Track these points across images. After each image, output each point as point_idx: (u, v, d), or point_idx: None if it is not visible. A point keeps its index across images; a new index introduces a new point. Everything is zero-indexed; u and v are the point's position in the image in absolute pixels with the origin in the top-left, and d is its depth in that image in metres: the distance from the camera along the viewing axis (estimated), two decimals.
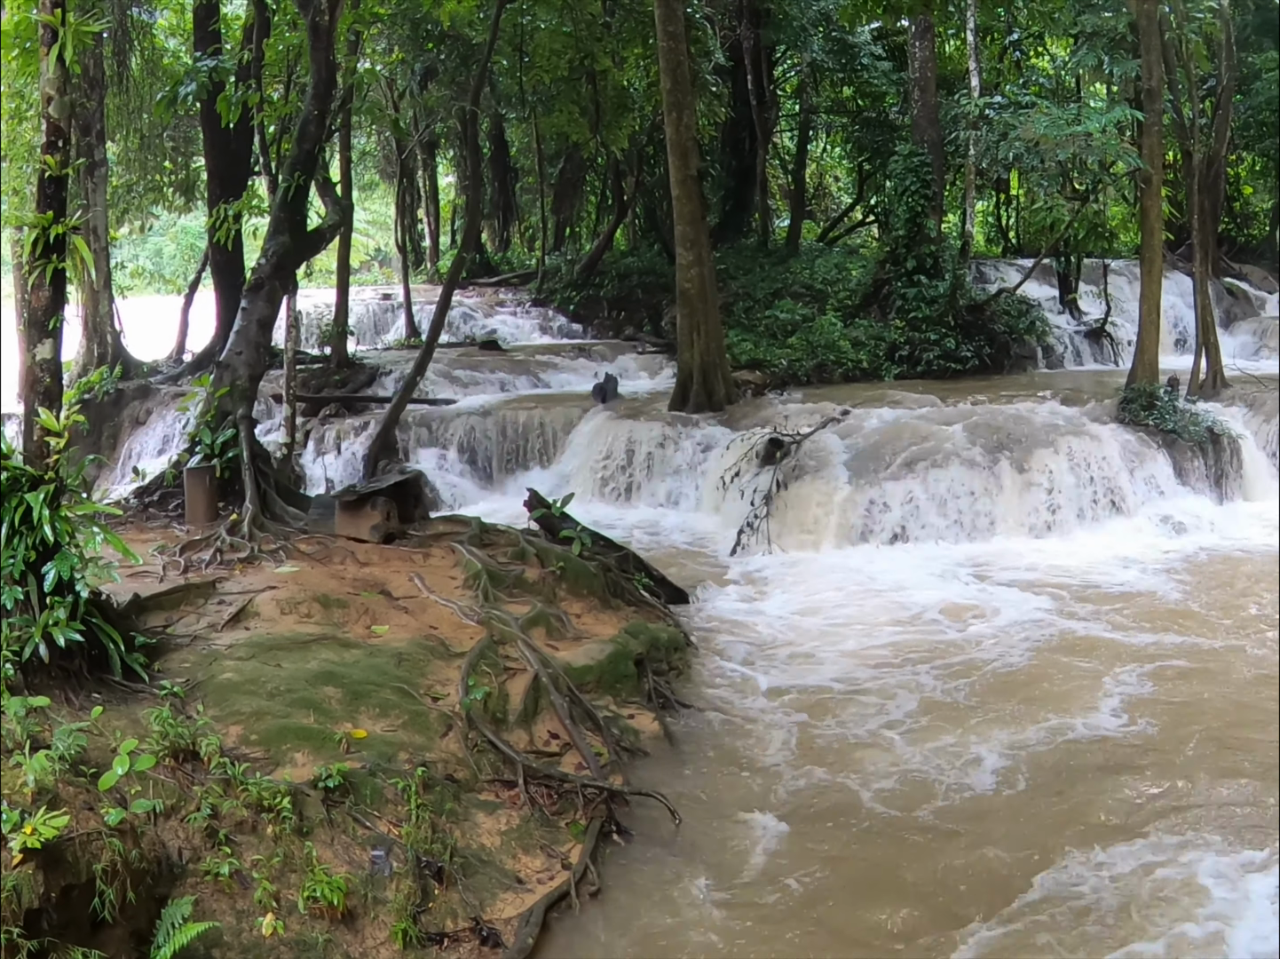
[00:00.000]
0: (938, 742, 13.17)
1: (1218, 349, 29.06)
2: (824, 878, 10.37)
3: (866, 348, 32.12)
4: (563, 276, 41.90)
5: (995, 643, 16.63)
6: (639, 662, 14.01)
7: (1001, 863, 10.61)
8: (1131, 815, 11.37)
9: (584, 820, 10.67)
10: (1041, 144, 28.02)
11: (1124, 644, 16.51)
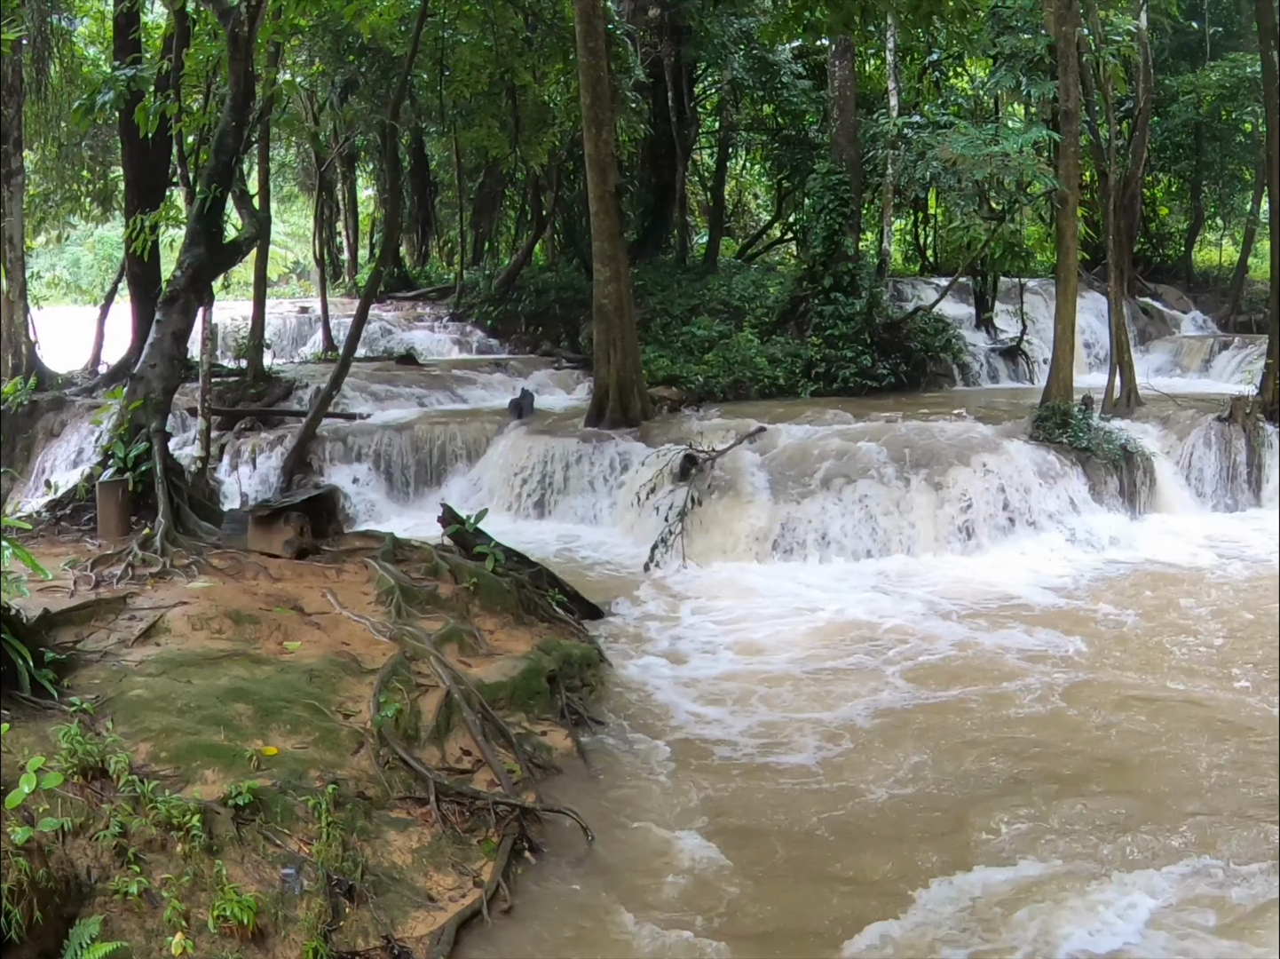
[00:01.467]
0: (851, 757, 13.23)
1: (1132, 367, 29.35)
2: (736, 894, 10.39)
3: (783, 365, 32.25)
4: (481, 291, 41.86)
5: (908, 658, 16.73)
6: (552, 678, 13.98)
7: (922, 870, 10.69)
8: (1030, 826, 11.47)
9: (496, 838, 10.59)
10: (959, 164, 28.26)
11: (1036, 658, 16.69)
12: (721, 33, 38.60)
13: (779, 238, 54.95)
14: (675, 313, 35.85)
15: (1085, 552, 23.00)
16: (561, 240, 46.05)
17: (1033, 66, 31.41)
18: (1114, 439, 25.59)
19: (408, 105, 39.99)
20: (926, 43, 42.86)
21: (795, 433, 25.17)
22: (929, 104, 40.47)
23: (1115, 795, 12.27)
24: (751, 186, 61.00)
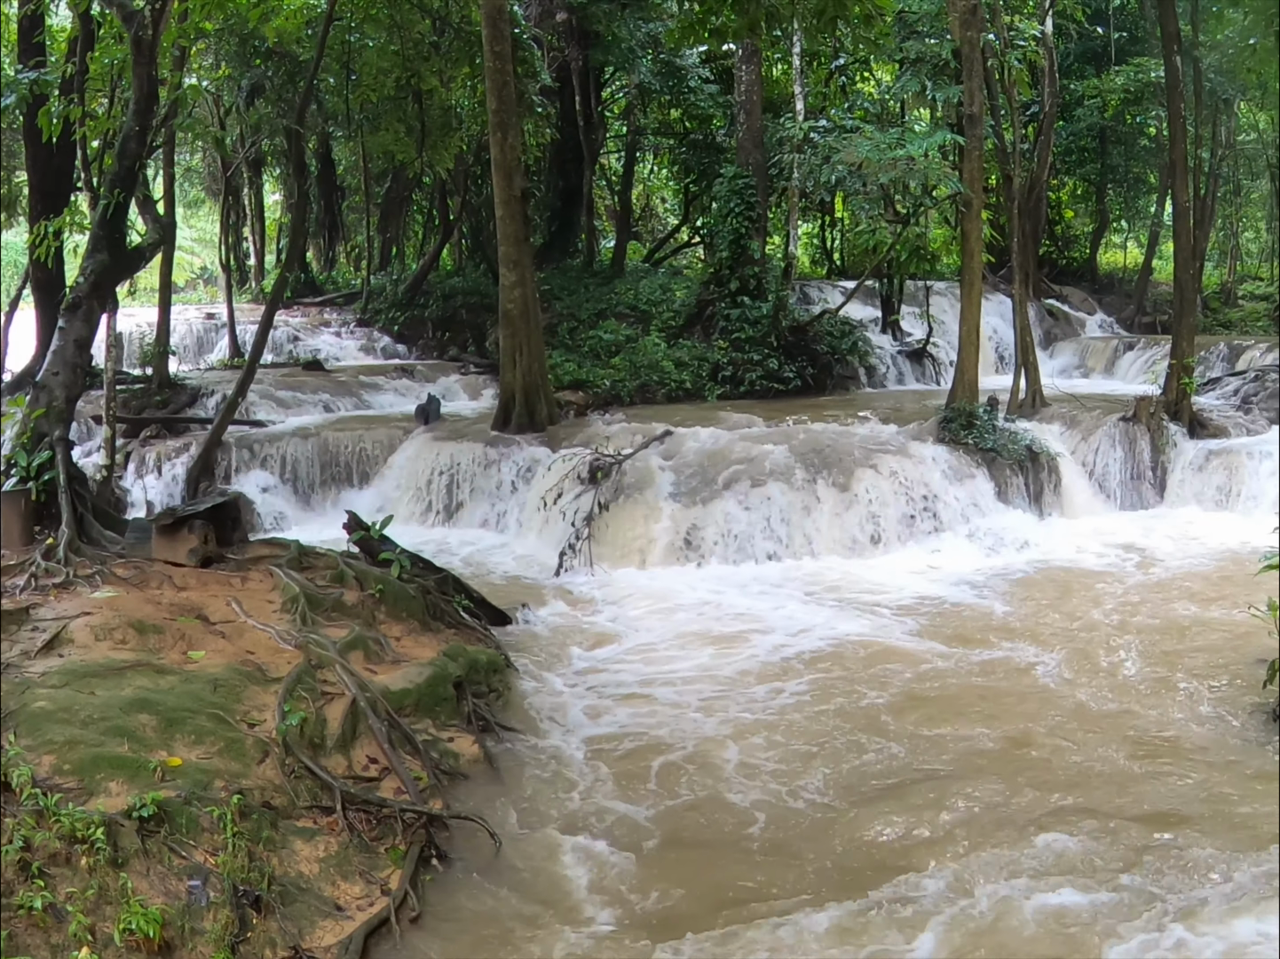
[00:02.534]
0: (757, 760, 13.29)
1: (1037, 369, 29.62)
2: (643, 900, 10.41)
3: (690, 368, 32.33)
4: (388, 297, 41.63)
5: (814, 659, 16.86)
6: (458, 684, 13.95)
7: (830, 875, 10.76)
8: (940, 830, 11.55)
9: (403, 846, 10.57)
10: (864, 167, 28.42)
11: (941, 657, 16.88)
12: (629, 37, 38.60)
13: (686, 242, 54.97)
14: (582, 317, 35.85)
15: (991, 552, 23.23)
16: (469, 245, 45.87)
17: (938, 71, 31.68)
18: (1019, 440, 25.82)
19: (314, 110, 39.81)
20: (833, 47, 43.00)
21: (702, 436, 25.25)
22: (835, 108, 40.58)
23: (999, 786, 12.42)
24: (659, 190, 61.03)
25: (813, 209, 47.91)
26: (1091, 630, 18.25)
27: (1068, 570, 22.20)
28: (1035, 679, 16.02)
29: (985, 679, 16.00)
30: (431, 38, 35.57)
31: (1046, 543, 23.83)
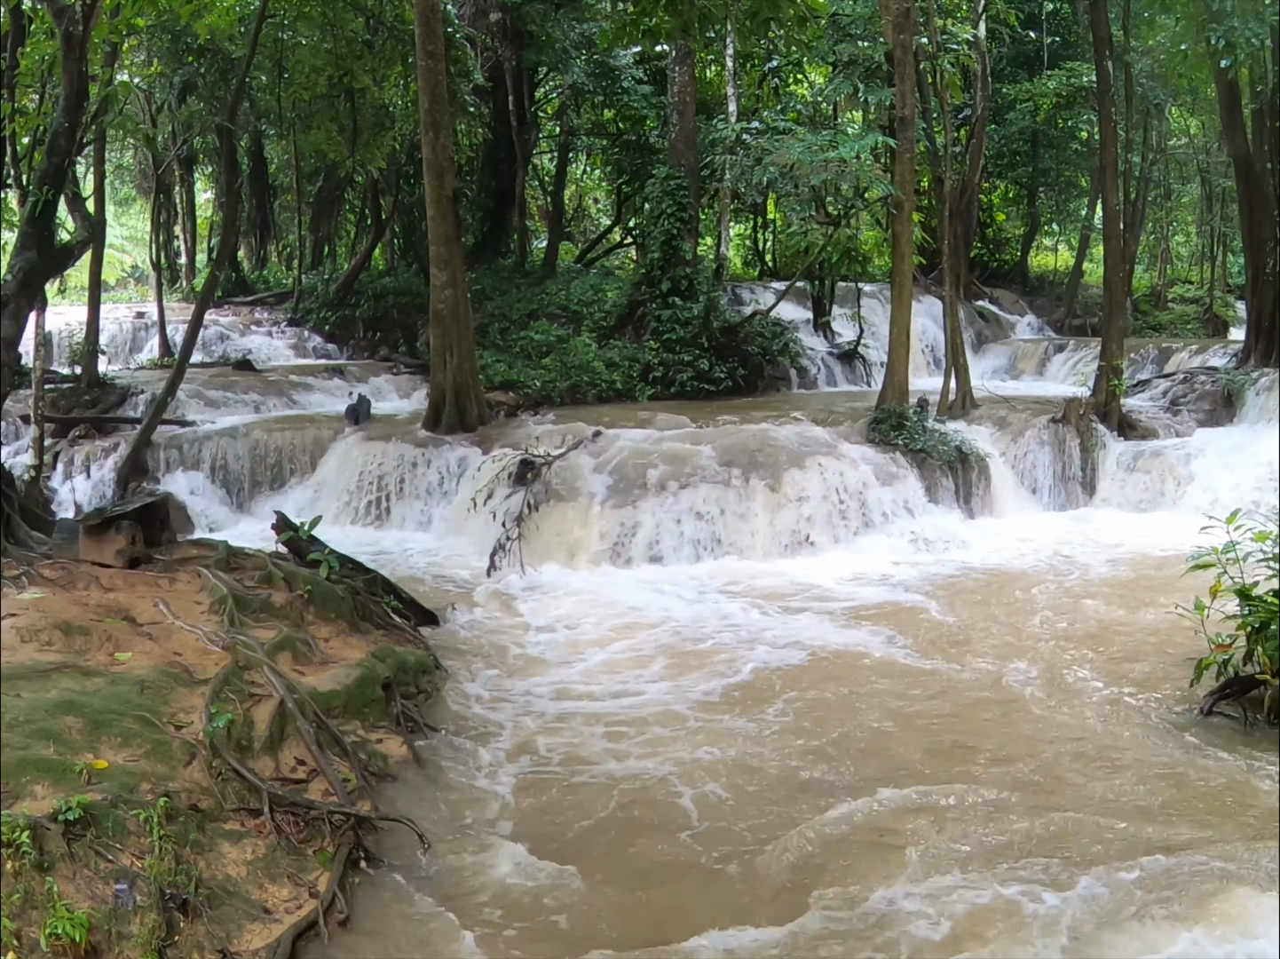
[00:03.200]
0: (683, 760, 13.26)
1: (967, 370, 29.82)
2: (573, 903, 10.38)
3: (620, 369, 32.37)
4: (319, 296, 41.47)
5: (743, 660, 16.81)
6: (387, 685, 13.92)
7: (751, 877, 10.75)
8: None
9: (331, 848, 10.50)
10: (796, 169, 28.44)
11: (872, 658, 16.90)
12: (563, 37, 38.62)
13: (618, 242, 55.06)
14: (513, 317, 35.86)
15: (921, 552, 23.33)
16: (401, 245, 45.71)
17: (870, 74, 31.71)
18: (949, 441, 25.96)
19: (246, 108, 39.68)
20: (766, 49, 43.13)
21: (632, 437, 25.27)
22: (768, 110, 40.67)
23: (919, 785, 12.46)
24: (591, 191, 61.09)
25: (745, 210, 48.09)
26: (1020, 630, 18.33)
27: (997, 571, 22.31)
28: (964, 680, 16.06)
29: (912, 679, 16.03)
30: (365, 36, 35.49)
31: (976, 543, 23.96)
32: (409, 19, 30.78)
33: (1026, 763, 13.18)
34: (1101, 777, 12.77)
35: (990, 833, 11.42)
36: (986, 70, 43.70)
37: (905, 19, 26.95)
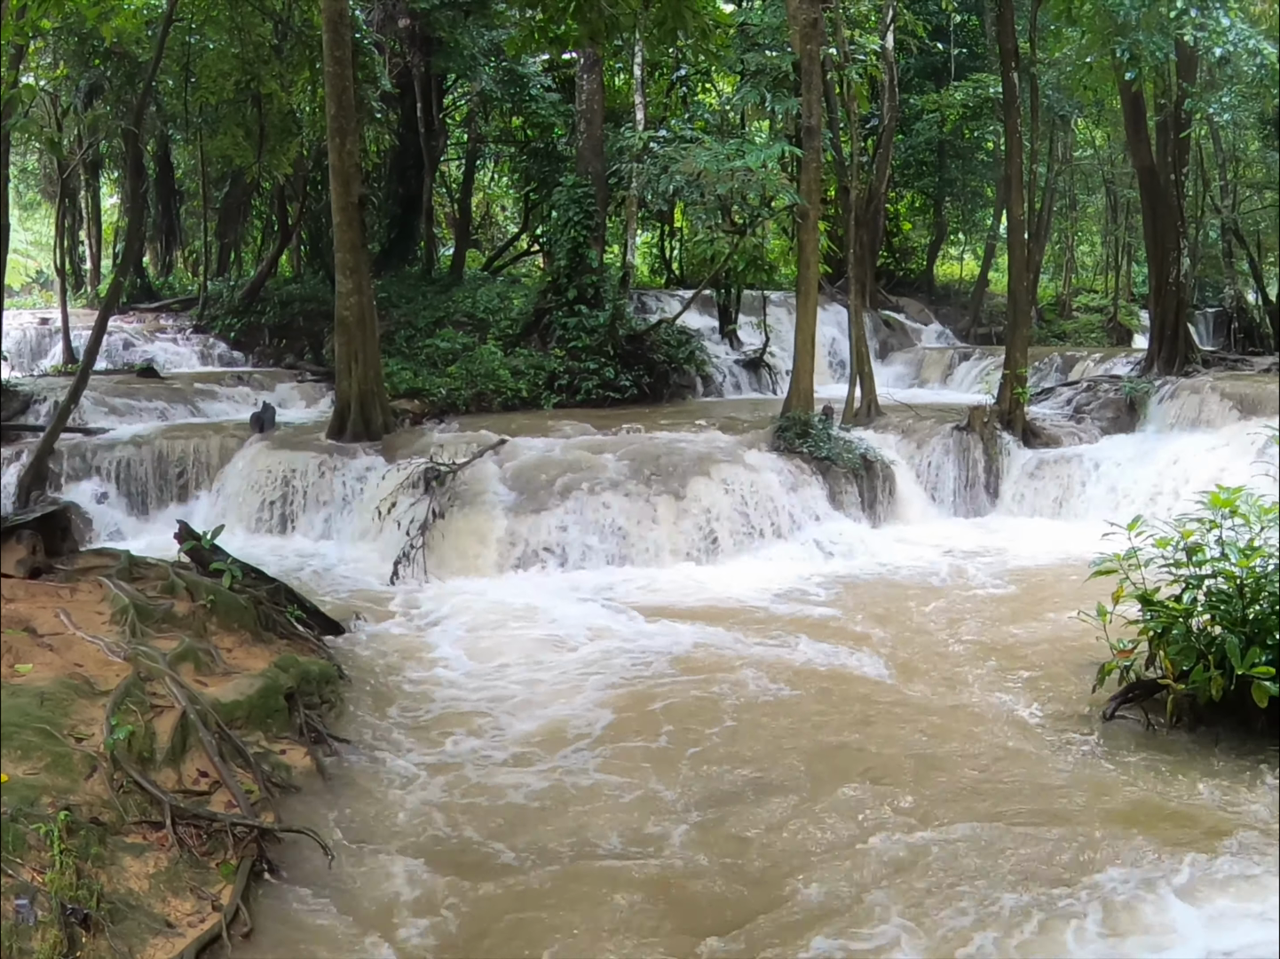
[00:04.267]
0: (590, 777, 13.24)
1: (872, 378, 30.06)
2: (472, 914, 10.36)
3: (526, 377, 32.34)
4: (225, 303, 41.14)
5: (648, 668, 16.88)
6: (290, 696, 13.85)
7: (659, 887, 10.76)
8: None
9: (234, 860, 10.43)
10: (702, 178, 28.50)
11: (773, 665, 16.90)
12: (471, 44, 38.50)
13: (526, 250, 55.06)
14: (420, 325, 35.74)
15: (826, 560, 23.50)
16: (308, 251, 45.55)
17: (778, 83, 31.85)
18: (854, 448, 26.14)
19: (153, 112, 39.39)
20: (675, 58, 43.25)
21: (537, 445, 25.30)
22: (676, 118, 40.82)
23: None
24: (499, 198, 61.06)
25: (652, 218, 48.19)
26: (921, 637, 18.48)
27: (901, 578, 22.47)
28: (868, 686, 16.14)
29: (816, 687, 16.07)
30: (272, 41, 35.32)
31: (881, 550, 24.13)
32: (317, 24, 30.65)
33: (921, 771, 13.25)
34: (1003, 782, 12.87)
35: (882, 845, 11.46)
36: (894, 81, 44.07)
37: (813, 29, 27.06)
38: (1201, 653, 13.84)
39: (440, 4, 36.87)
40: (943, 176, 52.25)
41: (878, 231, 48.21)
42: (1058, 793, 12.59)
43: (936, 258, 56.87)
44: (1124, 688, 14.73)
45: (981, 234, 54.96)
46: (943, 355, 42.22)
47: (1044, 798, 12.47)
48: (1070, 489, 27.50)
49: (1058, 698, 15.52)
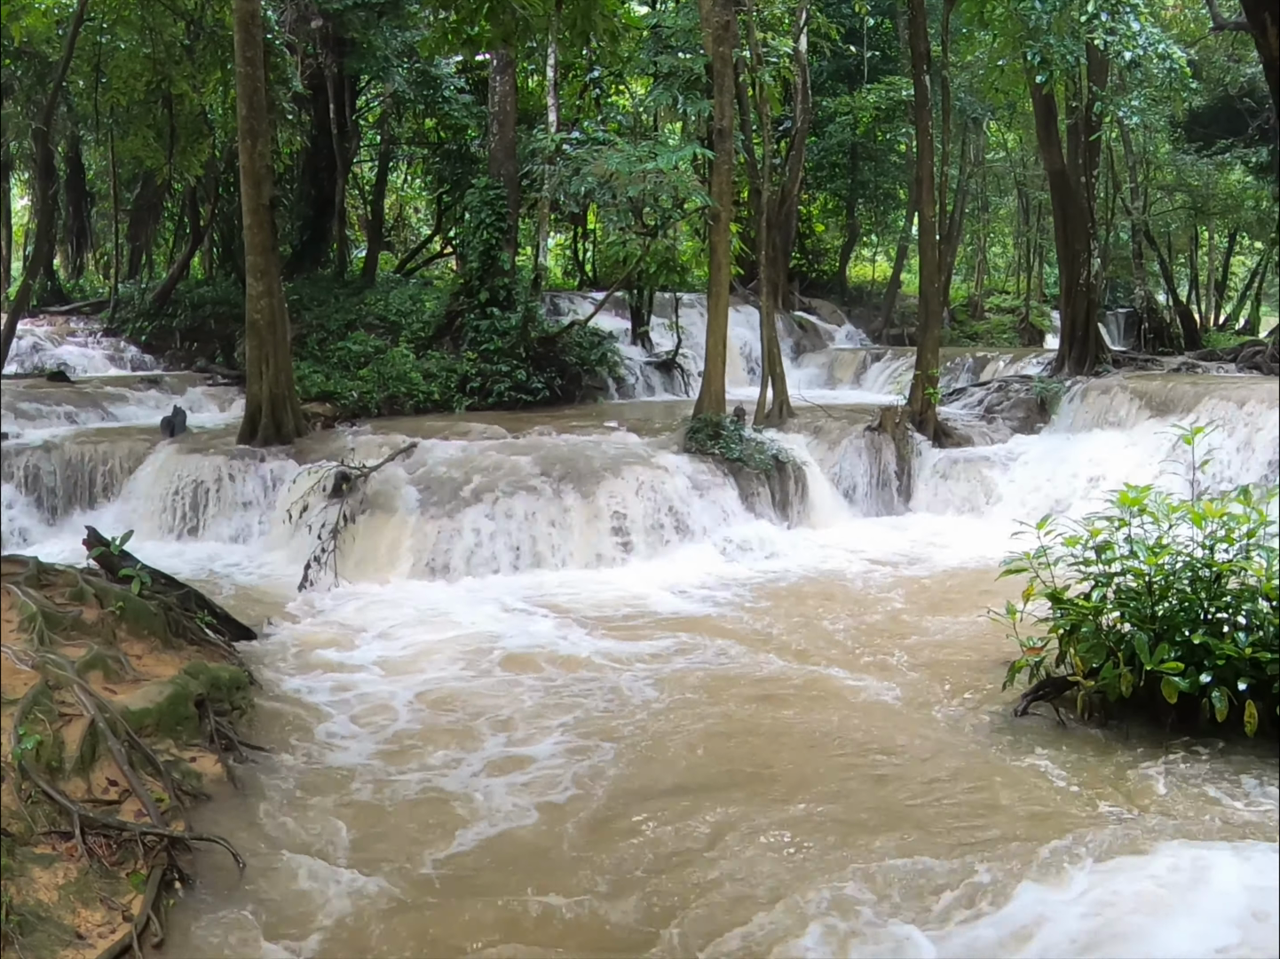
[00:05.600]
0: (503, 778, 13.26)
1: (784, 379, 30.17)
2: (385, 918, 10.34)
3: (438, 380, 32.38)
4: (136, 306, 40.78)
5: (556, 672, 16.90)
6: (200, 702, 13.74)
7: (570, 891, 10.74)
8: None
9: (145, 870, 10.35)
10: (614, 179, 28.49)
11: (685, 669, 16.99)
12: (385, 45, 38.35)
13: (438, 252, 54.89)
14: (331, 328, 35.62)
15: (738, 561, 23.59)
16: (220, 254, 45.24)
17: (690, 85, 31.90)
18: (766, 450, 26.22)
19: (63, 112, 39.14)
20: (589, 60, 43.23)
21: (449, 448, 25.21)
22: (589, 120, 40.81)
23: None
24: (412, 200, 60.95)
25: (564, 220, 48.20)
26: (833, 637, 18.58)
27: (812, 578, 22.62)
28: (773, 686, 16.20)
29: (720, 688, 16.11)
30: (184, 41, 35.10)
31: (793, 551, 24.25)
32: (229, 24, 30.46)
33: (831, 771, 13.33)
34: (914, 779, 12.95)
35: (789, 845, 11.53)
36: (807, 83, 44.23)
37: (725, 31, 27.13)
38: (1111, 650, 14.03)
39: (353, 5, 36.70)
40: (855, 178, 52.52)
41: (790, 233, 48.46)
42: (965, 789, 12.70)
43: (849, 259, 57.20)
44: (1034, 685, 14.91)
45: (894, 235, 55.28)
46: (855, 356, 42.47)
47: (951, 794, 12.57)
48: (981, 489, 27.75)
49: (968, 696, 15.65)
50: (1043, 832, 11.56)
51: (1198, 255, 57.77)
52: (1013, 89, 37.09)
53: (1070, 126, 35.31)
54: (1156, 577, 14.38)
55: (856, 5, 47.78)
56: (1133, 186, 42.66)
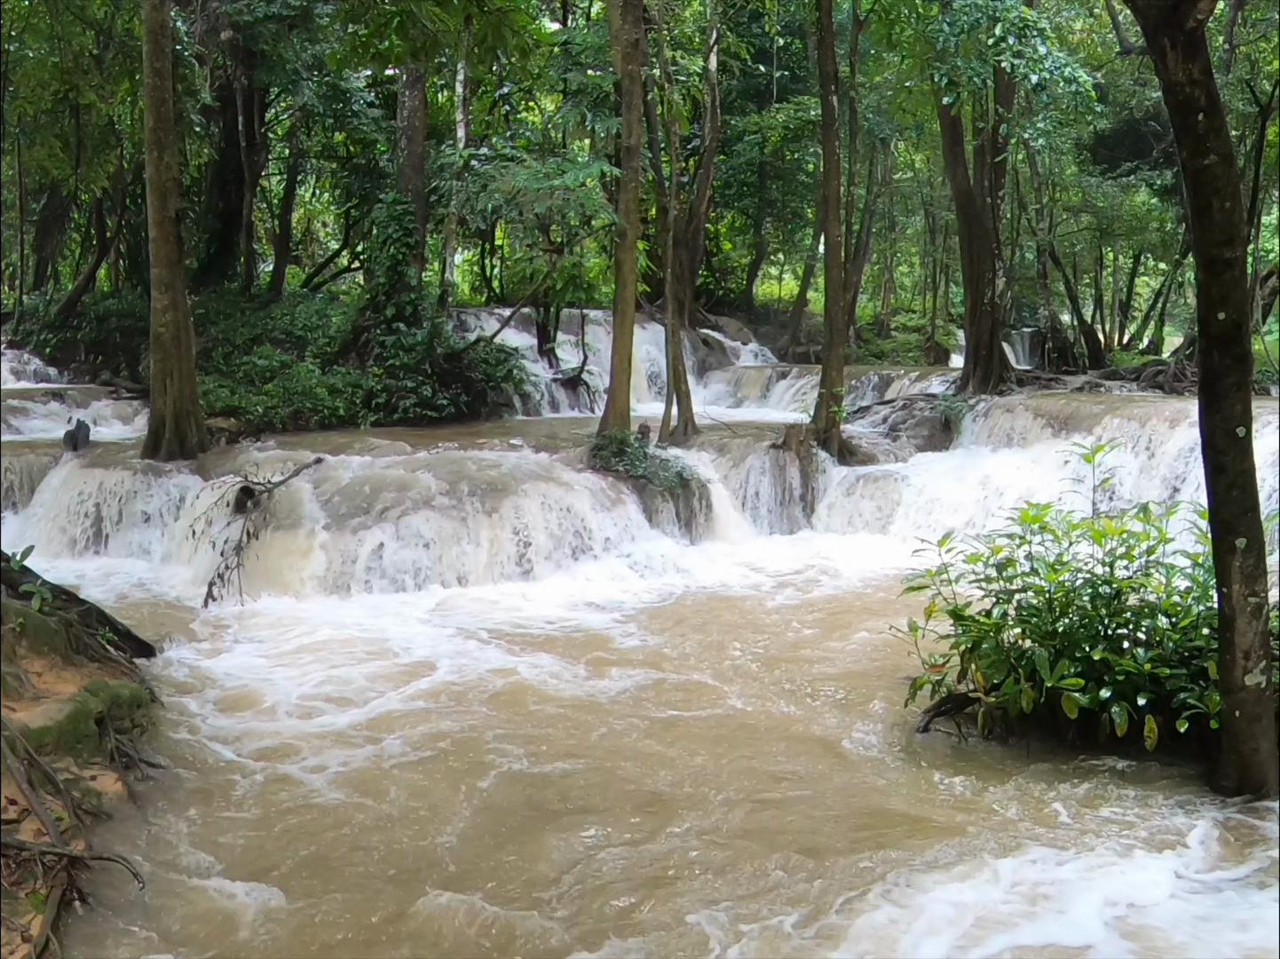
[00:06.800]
0: (407, 788, 13.31)
1: (689, 397, 30.25)
2: (286, 932, 10.34)
3: (344, 395, 32.27)
4: (40, 318, 40.52)
5: (458, 689, 16.93)
6: (101, 720, 13.64)
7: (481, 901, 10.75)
8: None
9: (44, 889, 10.27)
10: (521, 196, 28.55)
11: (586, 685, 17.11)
12: (295, 58, 38.23)
13: (346, 267, 54.72)
14: (237, 342, 35.45)
15: (642, 578, 23.72)
16: (127, 266, 44.87)
17: (599, 103, 32.00)
18: (670, 467, 26.34)
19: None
20: (498, 76, 43.24)
21: (354, 464, 25.18)
22: (498, 136, 40.86)
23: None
24: (320, 214, 60.74)
25: (472, 236, 48.13)
26: (735, 654, 18.67)
27: (715, 595, 22.75)
28: (672, 705, 16.27)
29: (620, 707, 16.17)
30: (93, 51, 34.87)
31: (697, 569, 24.38)
32: (138, 35, 30.31)
33: (731, 786, 13.41)
34: (808, 796, 13.06)
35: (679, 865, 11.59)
36: (716, 102, 44.41)
37: (635, 49, 27.26)
38: (1012, 666, 14.22)
39: (264, 17, 36.53)
40: (763, 197, 52.71)
41: (697, 251, 48.55)
42: (859, 803, 12.85)
43: (756, 277, 57.45)
44: (936, 702, 15.05)
45: (801, 254, 55.53)
46: (760, 374, 42.64)
47: (845, 809, 12.71)
48: (885, 506, 27.96)
49: (870, 712, 15.78)
50: (932, 844, 11.71)
51: (1102, 276, 58.33)
52: (920, 110, 37.40)
53: (977, 148, 35.64)
54: (1057, 593, 14.58)
55: (767, 25, 47.98)
56: (1038, 207, 43.08)
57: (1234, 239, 11.82)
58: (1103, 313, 57.84)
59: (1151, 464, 26.49)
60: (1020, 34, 26.91)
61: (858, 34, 33.24)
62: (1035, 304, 47.05)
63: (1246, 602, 12.14)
